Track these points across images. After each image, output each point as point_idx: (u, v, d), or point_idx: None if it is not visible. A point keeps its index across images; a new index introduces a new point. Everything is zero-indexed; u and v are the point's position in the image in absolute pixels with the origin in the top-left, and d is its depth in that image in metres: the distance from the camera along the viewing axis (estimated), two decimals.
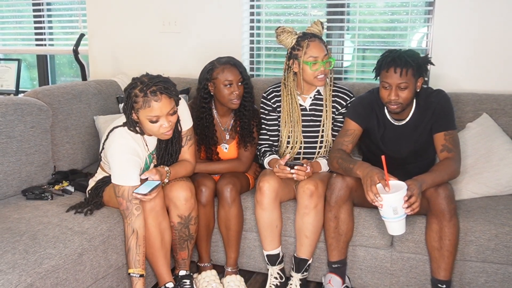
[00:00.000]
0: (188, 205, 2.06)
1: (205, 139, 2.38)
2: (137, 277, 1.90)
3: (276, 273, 2.22)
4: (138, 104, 1.87)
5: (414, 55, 2.00)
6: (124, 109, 1.93)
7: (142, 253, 1.91)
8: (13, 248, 1.66)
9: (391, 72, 1.97)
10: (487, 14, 2.66)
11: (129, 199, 1.89)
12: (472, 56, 2.72)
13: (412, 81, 1.99)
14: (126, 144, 1.94)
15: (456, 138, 2.08)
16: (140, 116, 1.90)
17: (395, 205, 1.79)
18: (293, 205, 2.25)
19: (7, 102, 2.20)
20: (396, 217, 1.82)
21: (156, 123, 1.90)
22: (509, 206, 2.13)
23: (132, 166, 1.92)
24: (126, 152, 1.93)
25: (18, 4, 3.99)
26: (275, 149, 2.38)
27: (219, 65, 2.31)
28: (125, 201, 1.89)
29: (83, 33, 3.39)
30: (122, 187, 1.89)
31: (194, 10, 3.21)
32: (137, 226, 1.90)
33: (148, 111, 1.87)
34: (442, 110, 2.07)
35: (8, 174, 2.18)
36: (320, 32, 2.28)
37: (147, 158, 2.06)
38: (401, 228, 1.86)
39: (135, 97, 1.87)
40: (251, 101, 2.38)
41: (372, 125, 2.18)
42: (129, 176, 1.90)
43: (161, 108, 1.87)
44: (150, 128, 1.92)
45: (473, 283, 2.07)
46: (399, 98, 1.99)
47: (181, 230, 2.08)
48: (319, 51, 2.20)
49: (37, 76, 4.01)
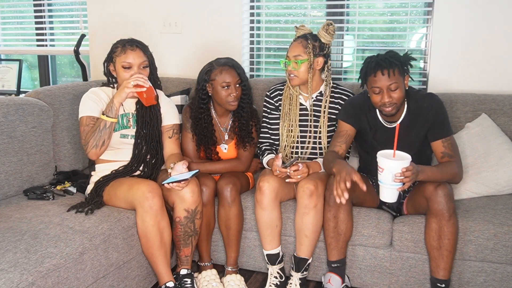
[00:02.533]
0: (195, 198, 2.07)
1: (204, 139, 2.39)
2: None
3: (276, 272, 2.23)
4: (116, 52, 2.17)
5: (395, 55, 2.02)
6: (104, 61, 2.23)
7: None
8: (14, 247, 1.67)
9: (379, 76, 1.97)
10: (486, 14, 2.66)
11: (86, 124, 2.15)
12: (471, 56, 2.73)
13: (401, 80, 2.00)
14: (92, 90, 2.23)
15: (454, 143, 2.09)
16: (116, 64, 2.17)
17: (394, 172, 1.82)
18: (293, 205, 2.26)
19: (8, 102, 2.21)
20: (394, 184, 1.83)
21: (129, 69, 2.14)
22: (508, 206, 2.14)
23: (91, 100, 2.18)
24: (89, 93, 2.22)
25: (19, 4, 4.00)
26: (276, 148, 2.39)
27: (217, 67, 2.32)
28: (83, 127, 2.15)
29: (84, 34, 3.41)
30: (82, 118, 2.16)
31: (194, 11, 3.22)
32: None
33: (123, 58, 2.15)
34: (437, 117, 2.07)
35: (10, 174, 2.19)
36: (325, 39, 2.28)
37: (119, 117, 2.20)
38: (393, 197, 1.88)
39: (115, 48, 2.19)
40: (249, 102, 2.39)
41: (364, 126, 2.19)
42: (87, 108, 2.17)
43: (134, 57, 2.15)
44: (123, 76, 2.15)
45: (472, 282, 2.08)
46: (393, 99, 2.00)
47: (186, 225, 2.08)
48: (290, 51, 2.26)
49: (38, 76, 4.02)
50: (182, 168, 2.03)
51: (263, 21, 3.22)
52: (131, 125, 2.22)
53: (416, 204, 2.10)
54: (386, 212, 2.23)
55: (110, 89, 2.27)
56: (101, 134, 2.09)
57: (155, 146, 2.24)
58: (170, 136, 2.27)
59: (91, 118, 2.15)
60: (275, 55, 3.26)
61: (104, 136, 2.10)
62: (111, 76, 2.25)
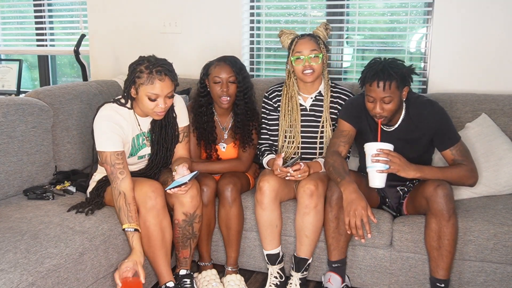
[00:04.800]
0: (194, 202, 2.07)
1: (204, 133, 2.39)
2: (132, 231, 1.90)
3: (276, 272, 2.23)
4: (141, 79, 1.95)
5: (397, 66, 1.97)
6: (125, 82, 2.01)
7: (133, 210, 1.93)
8: (14, 247, 1.67)
9: (374, 86, 1.96)
10: (486, 14, 2.66)
11: (112, 164, 1.95)
12: (470, 56, 2.73)
13: (397, 93, 1.97)
14: (109, 115, 2.02)
15: (463, 148, 2.07)
16: (140, 92, 1.97)
17: (371, 152, 1.92)
18: (293, 205, 2.26)
19: (8, 102, 2.21)
20: (372, 165, 1.92)
21: (154, 101, 1.97)
22: (508, 206, 2.14)
23: (113, 132, 1.99)
24: (108, 120, 2.00)
25: (19, 4, 4.00)
26: (275, 149, 2.39)
27: (215, 62, 2.33)
28: (109, 166, 1.96)
29: (84, 34, 3.40)
30: (104, 153, 1.97)
31: (194, 11, 3.22)
32: (123, 188, 1.94)
33: (150, 88, 1.95)
34: (440, 126, 2.06)
35: (10, 174, 2.19)
36: (323, 35, 2.29)
37: (135, 138, 2.10)
38: (377, 181, 1.94)
39: (140, 72, 1.95)
40: (245, 101, 2.36)
41: (364, 126, 2.18)
42: (110, 141, 1.98)
43: (163, 88, 1.95)
44: (147, 105, 1.99)
45: (472, 283, 2.08)
46: (384, 112, 1.99)
47: (185, 228, 2.09)
48: (304, 47, 2.22)
49: (38, 76, 4.02)
50: (183, 170, 2.01)
51: (263, 21, 3.22)
52: (148, 144, 2.17)
53: (416, 204, 2.10)
54: (386, 212, 2.23)
55: (126, 110, 2.07)
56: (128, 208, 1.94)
57: (168, 160, 2.23)
58: (180, 141, 2.24)
59: (116, 155, 1.97)
60: (275, 55, 3.26)
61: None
62: (131, 98, 2.05)
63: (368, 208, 1.89)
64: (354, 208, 1.88)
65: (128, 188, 1.95)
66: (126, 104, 2.07)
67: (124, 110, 2.07)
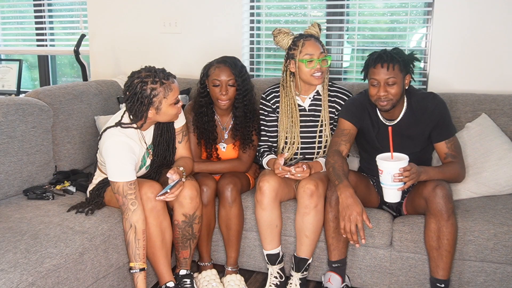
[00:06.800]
0: (193, 204, 2.07)
1: (204, 133, 2.39)
2: (138, 272, 1.91)
3: (276, 272, 2.23)
4: (159, 95, 1.92)
5: (399, 52, 2.03)
6: (137, 109, 1.93)
7: (142, 247, 1.92)
8: (14, 247, 1.67)
9: (378, 68, 1.99)
10: (486, 14, 2.66)
11: (124, 194, 1.91)
12: (470, 56, 2.73)
13: (400, 76, 2.00)
14: (120, 141, 1.95)
15: (457, 144, 2.10)
16: (163, 106, 1.95)
17: (393, 173, 1.88)
18: (293, 205, 2.26)
19: (8, 102, 2.21)
20: (394, 184, 1.89)
21: (177, 103, 1.99)
22: (508, 206, 2.14)
23: (126, 161, 1.94)
24: (120, 149, 1.94)
25: (19, 4, 4.00)
26: (274, 150, 2.39)
27: (215, 63, 2.32)
28: (121, 197, 1.91)
29: (84, 34, 3.41)
30: (117, 183, 1.91)
31: (194, 10, 3.22)
32: (134, 220, 1.91)
33: (172, 95, 1.95)
34: (441, 118, 2.08)
35: (10, 174, 2.19)
36: (317, 33, 2.29)
37: (145, 154, 2.09)
38: (396, 197, 1.93)
39: (153, 90, 1.91)
40: (244, 103, 2.35)
41: (366, 125, 2.19)
42: (124, 172, 1.92)
43: (177, 88, 1.98)
44: (171, 113, 1.99)
45: (472, 283, 2.08)
46: (388, 94, 2.00)
47: (184, 229, 2.09)
48: (314, 49, 2.21)
49: (38, 76, 4.02)
50: (173, 176, 2.00)
51: (263, 21, 3.22)
52: (152, 155, 2.17)
53: (415, 204, 2.10)
54: (386, 212, 2.23)
55: (133, 131, 2.02)
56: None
57: (168, 162, 2.23)
58: (180, 141, 2.24)
59: (129, 185, 1.91)
60: (275, 55, 3.26)
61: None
62: (145, 118, 1.98)
63: (364, 213, 1.89)
64: (349, 213, 1.89)
65: (140, 221, 1.92)
66: (132, 124, 2.00)
67: (130, 130, 2.01)
